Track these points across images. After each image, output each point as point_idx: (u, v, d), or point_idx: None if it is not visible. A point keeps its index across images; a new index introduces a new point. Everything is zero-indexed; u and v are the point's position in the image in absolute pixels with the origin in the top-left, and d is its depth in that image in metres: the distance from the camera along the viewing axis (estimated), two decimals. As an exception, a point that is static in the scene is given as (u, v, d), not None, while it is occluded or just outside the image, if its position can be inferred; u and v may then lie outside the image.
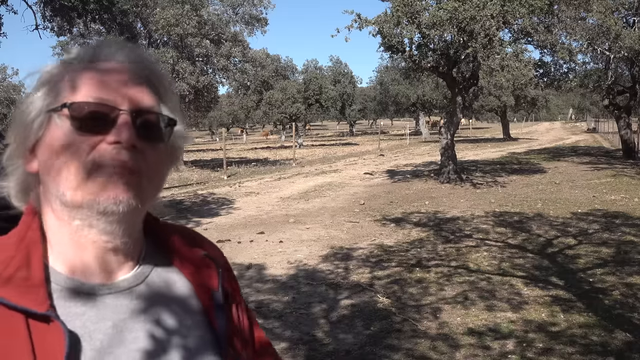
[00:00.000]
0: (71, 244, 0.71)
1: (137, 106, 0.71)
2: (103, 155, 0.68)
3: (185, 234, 0.85)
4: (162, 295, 0.76)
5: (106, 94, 0.70)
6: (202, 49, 19.69)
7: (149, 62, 0.77)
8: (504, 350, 3.80)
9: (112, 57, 0.74)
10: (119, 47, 0.75)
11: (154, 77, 0.76)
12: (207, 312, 0.78)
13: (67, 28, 14.82)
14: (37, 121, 0.71)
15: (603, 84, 17.96)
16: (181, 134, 0.79)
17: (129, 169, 0.69)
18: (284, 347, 3.97)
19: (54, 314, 0.65)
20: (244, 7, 22.80)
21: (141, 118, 0.71)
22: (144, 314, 0.73)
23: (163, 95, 0.76)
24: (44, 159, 0.70)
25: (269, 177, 16.69)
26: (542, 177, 14.48)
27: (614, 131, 23.64)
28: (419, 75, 17.86)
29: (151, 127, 0.72)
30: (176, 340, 0.73)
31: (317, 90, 36.05)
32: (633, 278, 5.31)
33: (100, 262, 0.72)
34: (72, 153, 0.68)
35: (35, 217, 0.73)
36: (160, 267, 0.79)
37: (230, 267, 0.90)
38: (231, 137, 53.33)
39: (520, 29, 12.02)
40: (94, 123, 0.69)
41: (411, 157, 22.86)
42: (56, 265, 0.71)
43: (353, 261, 6.33)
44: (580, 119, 69.91)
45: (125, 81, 0.72)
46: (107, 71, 0.72)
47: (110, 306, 0.71)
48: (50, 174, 0.70)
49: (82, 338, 0.67)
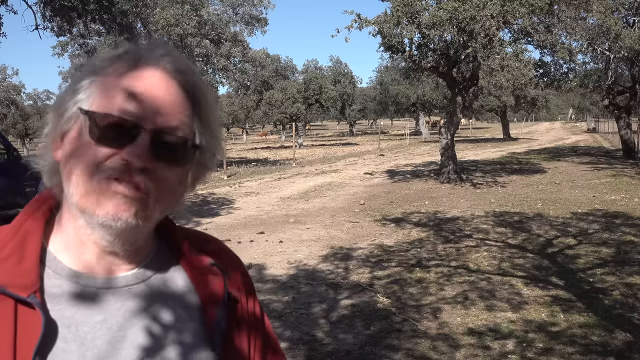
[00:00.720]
0: (76, 238, 0.72)
1: (162, 125, 0.69)
2: (112, 170, 0.67)
3: (197, 240, 0.84)
4: (161, 296, 0.76)
5: (134, 106, 0.68)
6: (202, 49, 19.70)
7: (193, 74, 0.74)
8: (504, 350, 3.80)
9: (158, 63, 0.72)
10: (167, 53, 0.73)
11: (196, 92, 0.74)
12: (208, 318, 0.77)
13: (67, 28, 14.82)
14: (68, 112, 0.71)
15: (603, 84, 17.96)
16: (212, 152, 0.77)
17: (135, 189, 0.68)
18: (284, 347, 3.95)
19: (35, 300, 0.66)
20: (244, 7, 22.81)
21: (163, 138, 0.69)
22: (140, 313, 0.73)
23: (201, 114, 0.74)
24: (65, 154, 0.71)
25: (269, 177, 16.69)
26: (542, 177, 14.48)
27: (614, 131, 23.64)
28: (419, 75, 17.87)
29: (172, 149, 0.70)
30: (170, 341, 0.73)
31: (317, 90, 36.04)
32: (633, 278, 5.31)
33: (101, 260, 0.73)
34: (85, 159, 0.68)
35: (47, 201, 0.75)
36: (166, 270, 0.78)
37: (246, 271, 0.90)
38: (231, 137, 53.32)
39: (520, 29, 12.02)
40: (113, 135, 0.68)
41: (411, 157, 22.86)
42: (57, 252, 0.72)
43: (353, 261, 6.33)
44: (580, 119, 69.91)
45: (160, 95, 0.70)
46: (145, 80, 0.70)
47: (105, 302, 0.71)
48: (65, 171, 0.70)
49: (67, 327, 0.67)
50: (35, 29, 14.21)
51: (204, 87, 0.76)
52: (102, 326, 0.70)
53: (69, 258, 0.72)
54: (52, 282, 0.70)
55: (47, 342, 0.65)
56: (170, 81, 0.71)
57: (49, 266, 0.71)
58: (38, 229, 0.72)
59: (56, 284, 0.70)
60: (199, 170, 0.77)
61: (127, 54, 0.72)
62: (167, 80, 0.71)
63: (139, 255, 0.76)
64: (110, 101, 0.69)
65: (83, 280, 0.71)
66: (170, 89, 0.71)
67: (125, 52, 0.73)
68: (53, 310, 0.68)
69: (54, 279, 0.70)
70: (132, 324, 0.72)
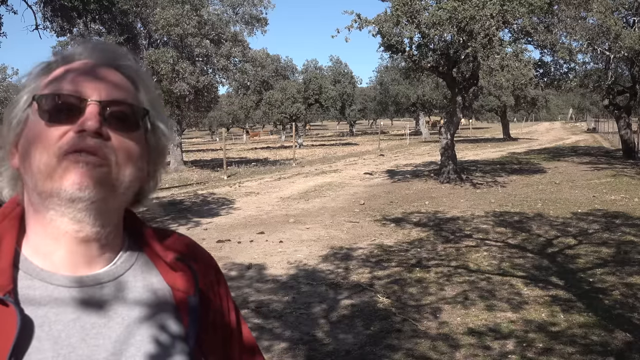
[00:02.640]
0: (45, 236, 0.73)
1: (107, 97, 0.73)
2: (68, 143, 0.70)
3: (166, 237, 0.84)
4: (134, 293, 0.76)
5: (76, 86, 0.72)
6: (202, 49, 19.66)
7: (121, 55, 0.79)
8: (504, 350, 3.80)
9: (89, 55, 0.77)
10: (92, 45, 0.78)
11: (130, 71, 0.78)
12: (180, 313, 0.78)
13: (67, 28, 14.80)
14: (16, 119, 0.74)
15: (603, 84, 17.95)
16: (163, 133, 0.80)
17: (93, 156, 0.70)
18: (284, 347, 3.97)
19: (11, 299, 0.67)
20: (244, 7, 22.78)
21: (111, 108, 0.73)
22: (113, 311, 0.73)
23: (141, 89, 0.78)
24: (22, 153, 0.73)
25: (269, 177, 16.69)
26: (542, 177, 14.47)
27: (614, 131, 23.64)
28: (419, 75, 17.83)
29: (123, 117, 0.74)
30: (145, 337, 0.73)
31: (317, 90, 36.02)
32: (633, 278, 5.31)
33: (72, 256, 0.73)
34: (42, 144, 0.70)
35: (17, 207, 0.76)
36: (137, 267, 0.79)
37: (218, 268, 0.90)
38: (231, 137, 53.33)
39: (520, 28, 12.01)
40: (62, 114, 0.71)
41: (411, 157, 22.86)
42: (29, 255, 0.73)
43: (353, 261, 6.33)
44: (580, 119, 69.90)
45: (97, 74, 0.74)
46: (81, 66, 0.75)
47: (76, 299, 0.71)
48: (25, 165, 0.72)
49: (40, 327, 0.68)
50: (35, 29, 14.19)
51: (142, 71, 0.80)
52: (75, 324, 0.70)
53: (40, 260, 0.72)
54: (24, 283, 0.70)
55: (22, 341, 0.66)
56: (102, 64, 0.76)
57: (21, 268, 0.71)
58: (13, 229, 0.73)
59: (28, 284, 0.70)
60: (156, 151, 0.80)
61: (58, 58, 0.78)
62: (99, 63, 0.76)
63: (112, 244, 0.76)
64: (54, 88, 0.73)
65: (55, 280, 0.71)
66: (104, 69, 0.76)
67: (57, 56, 0.78)
68: (26, 310, 0.68)
69: (26, 280, 0.71)
70: (106, 321, 0.72)
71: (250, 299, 5.04)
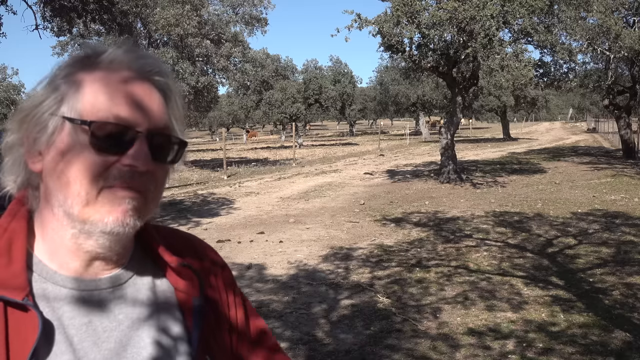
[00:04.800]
0: (62, 245, 0.71)
1: (153, 126, 0.70)
2: (117, 177, 0.68)
3: (171, 237, 0.84)
4: (143, 297, 0.76)
5: (125, 110, 0.68)
6: (202, 49, 19.68)
7: (166, 74, 0.75)
8: (504, 350, 3.80)
9: (129, 63, 0.71)
10: (135, 55, 0.73)
11: (169, 91, 0.75)
12: (185, 315, 0.78)
13: (67, 28, 14.81)
14: (51, 124, 0.69)
15: (603, 84, 17.96)
16: (185, 155, 0.79)
17: (139, 193, 0.69)
18: (284, 347, 3.96)
19: (31, 302, 0.66)
20: (244, 7, 22.81)
21: (156, 139, 0.71)
22: (125, 314, 0.73)
23: (174, 111, 0.75)
24: (52, 164, 0.69)
25: (269, 177, 16.69)
26: (542, 177, 14.47)
27: (614, 131, 23.64)
28: (419, 75, 17.87)
29: (165, 150, 0.72)
30: (154, 341, 0.74)
31: (317, 90, 36.04)
32: (633, 278, 5.31)
33: (89, 267, 0.73)
34: (85, 169, 0.67)
35: (22, 208, 0.73)
36: (145, 270, 0.79)
37: (224, 264, 0.89)
38: (231, 137, 53.33)
39: (520, 29, 12.00)
40: (111, 142, 0.68)
41: (411, 157, 22.86)
42: (43, 258, 0.72)
43: (353, 261, 6.33)
44: (580, 119, 69.90)
45: (142, 96, 0.70)
46: (127, 82, 0.70)
47: (89, 303, 0.72)
48: (57, 181, 0.69)
49: (56, 330, 0.68)
50: (35, 29, 14.19)
51: (175, 85, 0.76)
52: (87, 328, 0.70)
53: (54, 264, 0.72)
54: (38, 285, 0.70)
55: (42, 344, 0.65)
56: (144, 81, 0.72)
57: (35, 270, 0.71)
58: (22, 230, 0.71)
59: (42, 287, 0.70)
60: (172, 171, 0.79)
61: (95, 56, 0.71)
62: (146, 80, 0.72)
63: (124, 256, 0.76)
64: (99, 107, 0.68)
65: (68, 283, 0.71)
66: (149, 89, 0.72)
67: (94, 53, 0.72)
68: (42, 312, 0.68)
69: (40, 282, 0.70)
70: (116, 325, 0.72)
71: (251, 299, 5.05)
